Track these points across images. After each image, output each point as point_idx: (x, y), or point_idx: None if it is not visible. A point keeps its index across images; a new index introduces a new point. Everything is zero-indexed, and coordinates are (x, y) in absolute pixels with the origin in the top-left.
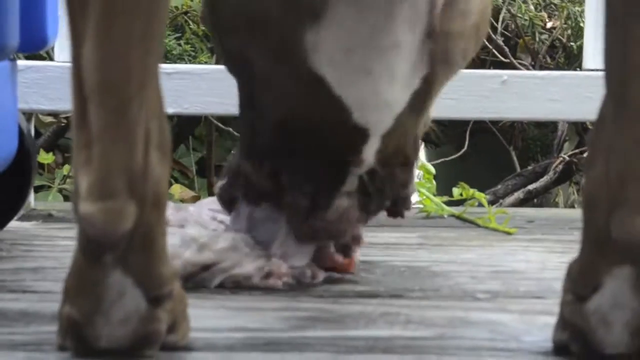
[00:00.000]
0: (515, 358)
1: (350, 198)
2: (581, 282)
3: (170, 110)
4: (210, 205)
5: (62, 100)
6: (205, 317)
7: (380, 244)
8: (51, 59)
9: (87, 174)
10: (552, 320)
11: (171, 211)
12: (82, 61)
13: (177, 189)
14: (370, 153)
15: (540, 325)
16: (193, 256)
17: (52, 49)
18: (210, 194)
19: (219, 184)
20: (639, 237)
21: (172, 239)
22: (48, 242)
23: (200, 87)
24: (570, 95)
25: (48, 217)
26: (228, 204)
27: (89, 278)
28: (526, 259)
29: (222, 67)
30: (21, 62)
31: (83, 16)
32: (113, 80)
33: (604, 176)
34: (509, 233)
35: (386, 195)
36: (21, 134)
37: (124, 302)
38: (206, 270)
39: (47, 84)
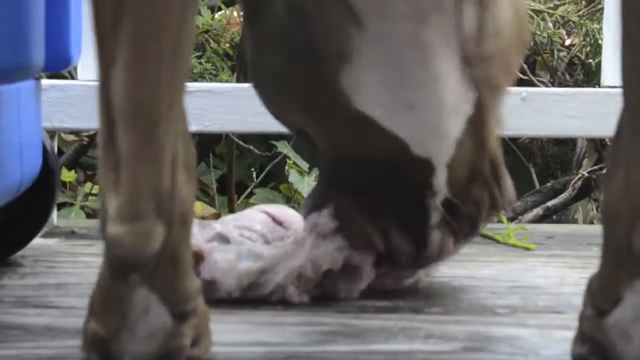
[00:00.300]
0: None
1: (440, 229)
2: (601, 296)
3: (192, 128)
4: (234, 222)
5: (84, 118)
6: (227, 331)
7: None
8: (73, 77)
9: (115, 196)
10: (571, 334)
11: (197, 228)
12: (112, 83)
13: (198, 206)
14: (440, 183)
15: (558, 340)
16: (248, 268)
17: (75, 68)
18: (231, 211)
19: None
20: None
21: (227, 254)
22: (71, 258)
23: (221, 105)
24: (589, 112)
25: (71, 234)
26: (309, 210)
27: (115, 295)
28: (545, 274)
29: (243, 85)
30: (45, 81)
31: (113, 38)
32: (143, 102)
33: (625, 190)
34: (528, 249)
35: (474, 219)
36: (45, 152)
37: (149, 318)
38: (260, 281)
39: (70, 102)
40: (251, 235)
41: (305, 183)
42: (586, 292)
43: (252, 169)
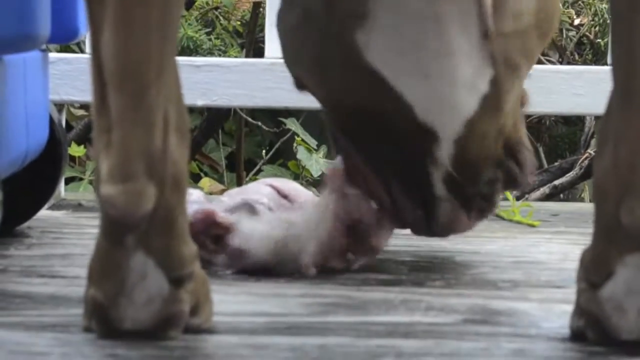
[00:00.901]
0: (533, 344)
1: (450, 202)
2: (594, 270)
3: (199, 102)
4: (240, 195)
5: None
6: (229, 302)
7: (405, 234)
8: (82, 51)
9: (107, 157)
10: (571, 308)
11: (216, 201)
12: (101, 48)
13: (206, 183)
14: (444, 157)
15: (559, 313)
16: (281, 235)
17: (84, 41)
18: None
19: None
20: None
21: (257, 223)
22: (77, 230)
23: (229, 79)
24: (595, 90)
25: (78, 207)
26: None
27: (112, 260)
28: (548, 250)
29: (250, 60)
30: (53, 55)
31: (101, 5)
32: (131, 66)
33: (613, 165)
34: (532, 225)
35: (488, 196)
36: (52, 123)
37: (147, 283)
38: (293, 249)
39: (78, 75)
40: (260, 208)
41: (313, 160)
42: (579, 266)
43: (261, 146)
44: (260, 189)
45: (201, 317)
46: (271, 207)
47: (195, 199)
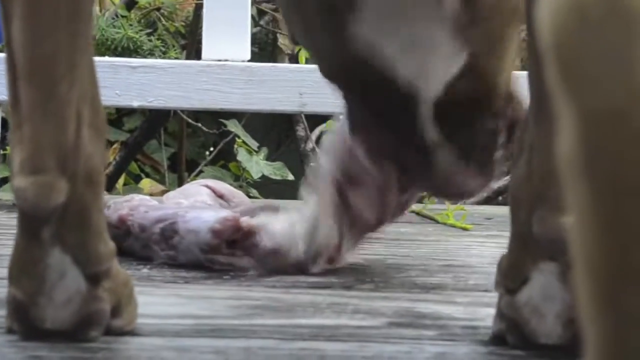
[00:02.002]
0: (456, 347)
1: (447, 148)
2: (510, 276)
3: (135, 103)
4: (183, 196)
5: None
6: (156, 304)
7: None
8: None
9: (20, 151)
10: None
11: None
12: (12, 41)
13: (146, 183)
14: (427, 117)
15: (484, 317)
16: (305, 231)
17: None
18: None
19: None
20: (558, 233)
21: (280, 223)
22: (10, 230)
23: (165, 81)
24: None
25: (12, 207)
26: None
27: (30, 257)
28: (479, 254)
29: (186, 61)
30: None
31: None
32: (40, 59)
33: (526, 175)
34: (465, 229)
35: (489, 148)
36: None
37: (66, 282)
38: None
39: None
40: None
41: (253, 162)
42: (497, 271)
43: (204, 148)
44: (199, 190)
45: (124, 318)
46: (215, 207)
47: (146, 202)
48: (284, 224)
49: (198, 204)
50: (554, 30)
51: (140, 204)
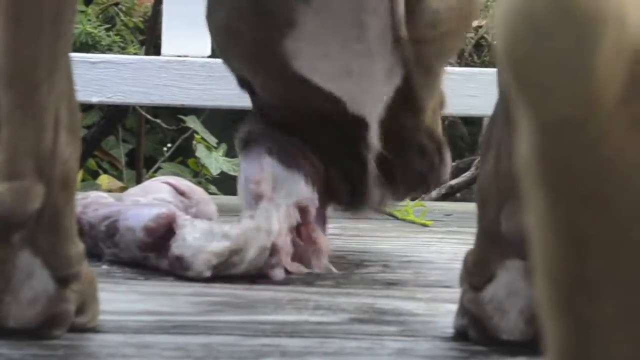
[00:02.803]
0: (417, 343)
1: (380, 183)
2: (476, 272)
3: (94, 99)
4: (144, 193)
5: None
6: (117, 300)
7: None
8: None
9: None
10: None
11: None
12: None
13: (104, 179)
14: (374, 138)
15: (445, 312)
16: (217, 248)
17: None
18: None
19: (242, 128)
20: (527, 232)
21: (193, 232)
22: None
23: (124, 76)
24: (490, 92)
25: None
26: (244, 145)
27: None
28: (439, 250)
29: (147, 57)
30: None
31: None
32: (22, 64)
33: (494, 173)
34: (425, 225)
35: (410, 182)
36: None
37: (33, 282)
38: (230, 259)
39: None
40: (169, 206)
41: (212, 158)
42: (462, 268)
43: (162, 144)
44: (161, 187)
45: (87, 315)
46: (177, 204)
47: (98, 199)
48: (196, 233)
49: (155, 202)
50: (507, 36)
51: (93, 202)
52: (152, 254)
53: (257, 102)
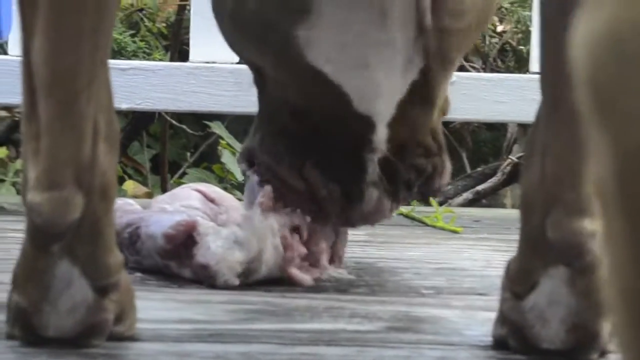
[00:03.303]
0: (455, 352)
1: (378, 188)
2: (518, 280)
3: (123, 105)
4: (173, 200)
5: (15, 94)
6: (154, 309)
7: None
8: (5, 53)
9: (35, 165)
10: (493, 316)
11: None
12: (32, 54)
13: (130, 185)
14: (380, 141)
15: (481, 321)
16: (239, 256)
17: (6, 43)
18: (164, 190)
19: (244, 145)
20: (573, 238)
21: (216, 239)
22: (3, 234)
23: (153, 83)
24: (517, 98)
25: (0, 210)
26: (249, 164)
27: (37, 267)
28: (471, 257)
29: (174, 63)
30: None
31: (32, 10)
32: (62, 73)
33: (540, 178)
34: (455, 232)
35: (412, 185)
36: None
37: (71, 291)
38: (250, 266)
39: (1, 77)
40: (196, 213)
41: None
42: (504, 276)
43: (186, 149)
44: (190, 194)
45: (125, 324)
46: (205, 211)
47: (124, 206)
48: (220, 241)
49: (182, 209)
50: (590, 63)
51: (117, 208)
52: (173, 261)
53: (261, 103)
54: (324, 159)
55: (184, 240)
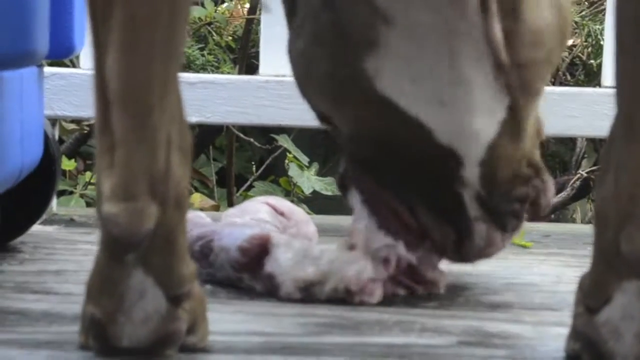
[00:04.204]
0: None
1: (485, 222)
2: (592, 294)
3: (192, 119)
4: (243, 213)
5: (85, 107)
6: (224, 321)
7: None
8: (75, 66)
9: (110, 177)
10: (566, 331)
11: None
12: (106, 69)
13: (197, 198)
14: (471, 178)
15: (554, 336)
16: (305, 272)
17: (78, 56)
18: (230, 203)
19: (340, 166)
20: None
21: (286, 252)
22: (70, 245)
23: (222, 96)
24: (588, 112)
25: (70, 222)
26: (344, 190)
27: (111, 277)
28: (541, 272)
29: (244, 77)
30: (47, 69)
31: (105, 26)
32: (136, 87)
33: (614, 194)
34: (525, 247)
35: (519, 213)
36: (46, 139)
37: (145, 301)
38: (317, 283)
39: (72, 90)
40: (265, 226)
41: (304, 177)
42: (578, 290)
43: (252, 162)
44: (259, 208)
45: (197, 335)
46: (276, 224)
47: (195, 219)
48: (289, 254)
49: (252, 222)
50: None
51: (188, 221)
52: (246, 274)
53: (340, 140)
54: (426, 197)
55: (258, 253)
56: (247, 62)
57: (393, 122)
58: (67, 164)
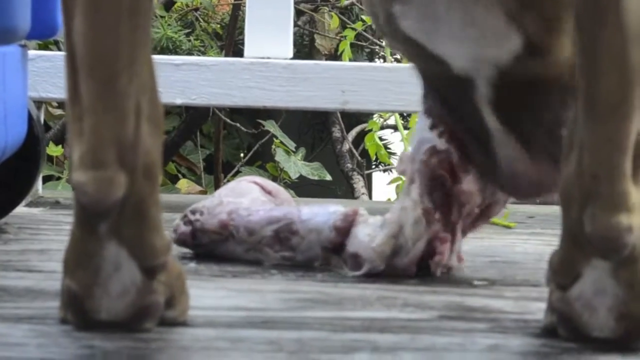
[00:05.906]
0: (507, 339)
1: (508, 136)
2: (562, 272)
3: (178, 100)
4: (234, 193)
5: None
6: (206, 297)
7: None
8: (60, 49)
9: (79, 145)
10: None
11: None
12: (73, 35)
13: (183, 184)
14: (484, 102)
15: (534, 310)
16: (384, 239)
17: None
18: (217, 189)
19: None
20: (609, 232)
21: (365, 228)
22: (55, 226)
23: (207, 78)
24: None
25: (55, 204)
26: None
27: (86, 250)
28: (524, 250)
29: (229, 59)
30: (32, 52)
31: None
32: (101, 52)
33: (577, 173)
34: (508, 227)
35: (554, 135)
36: (31, 120)
37: (121, 274)
38: (396, 245)
39: (56, 73)
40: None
41: (291, 162)
42: (548, 268)
43: (239, 149)
44: (251, 187)
45: (177, 310)
46: (268, 202)
47: (236, 206)
48: (368, 229)
49: (258, 202)
50: None
51: (239, 208)
52: (334, 254)
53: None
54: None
55: (349, 231)
56: (235, 49)
57: (420, 57)
58: (54, 150)
